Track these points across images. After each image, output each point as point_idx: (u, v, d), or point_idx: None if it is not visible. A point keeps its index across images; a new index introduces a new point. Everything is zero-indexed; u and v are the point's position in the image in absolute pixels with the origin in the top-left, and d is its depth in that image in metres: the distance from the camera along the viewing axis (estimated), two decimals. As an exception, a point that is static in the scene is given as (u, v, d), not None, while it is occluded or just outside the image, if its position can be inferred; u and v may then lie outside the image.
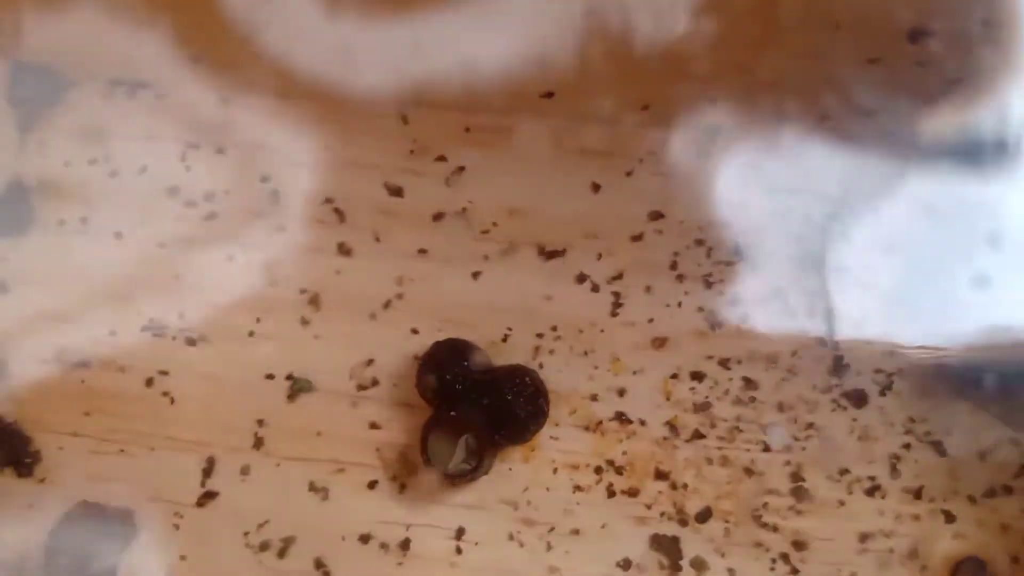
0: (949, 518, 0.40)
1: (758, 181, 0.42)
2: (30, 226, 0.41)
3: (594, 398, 0.41)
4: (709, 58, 0.38)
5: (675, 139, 0.42)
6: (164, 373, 0.40)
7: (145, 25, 0.39)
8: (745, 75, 0.40)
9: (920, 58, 0.37)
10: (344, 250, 0.42)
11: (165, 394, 0.40)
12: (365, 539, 0.39)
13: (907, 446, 0.40)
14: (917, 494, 0.40)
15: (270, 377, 0.40)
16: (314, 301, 0.41)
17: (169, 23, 0.38)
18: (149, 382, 0.40)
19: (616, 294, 0.42)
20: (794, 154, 0.42)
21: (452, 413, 0.38)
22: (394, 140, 0.42)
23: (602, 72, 0.40)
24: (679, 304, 0.42)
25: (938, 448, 0.40)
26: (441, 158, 0.42)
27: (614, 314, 0.41)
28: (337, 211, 0.42)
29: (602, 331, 0.41)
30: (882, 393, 0.41)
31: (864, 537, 0.40)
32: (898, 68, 0.37)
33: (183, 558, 0.39)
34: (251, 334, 0.41)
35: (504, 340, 0.41)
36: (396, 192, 0.42)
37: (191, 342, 0.40)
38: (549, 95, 0.41)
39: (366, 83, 0.41)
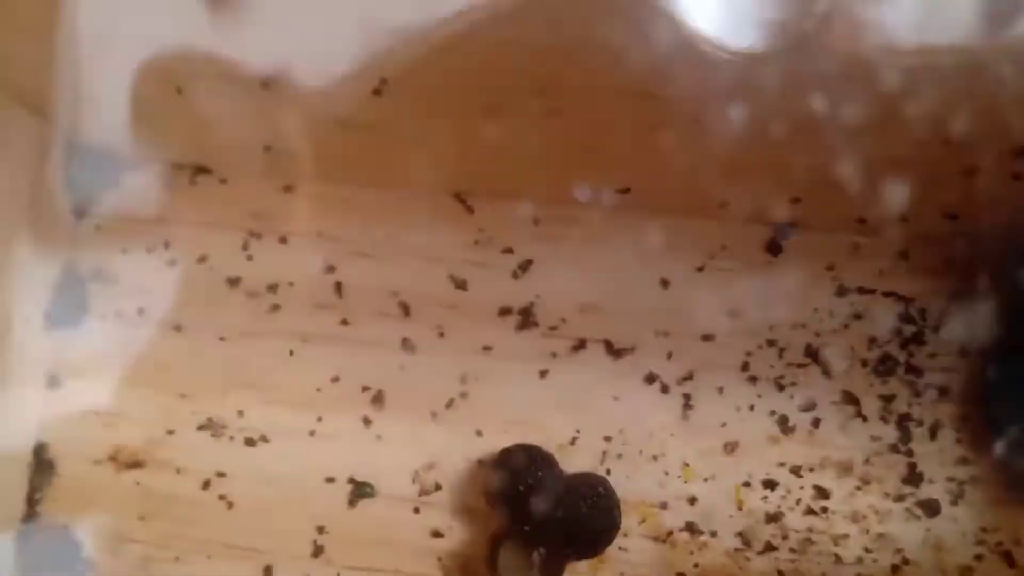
0: (1022, 632, 0.39)
1: (831, 281, 0.41)
2: (84, 316, 0.40)
3: (664, 507, 0.39)
4: (781, 157, 0.37)
5: (747, 236, 0.41)
6: (222, 475, 0.39)
7: (207, 108, 0.37)
8: (815, 175, 0.39)
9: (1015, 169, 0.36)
10: (408, 346, 0.40)
11: (222, 497, 0.39)
12: (427, 652, 0.38)
13: (979, 557, 0.39)
14: (990, 607, 0.39)
15: (331, 480, 0.39)
16: (377, 399, 0.40)
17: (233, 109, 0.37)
18: (206, 484, 0.39)
19: (686, 396, 0.40)
20: (866, 255, 0.42)
21: (526, 527, 0.36)
22: (459, 230, 0.41)
23: (679, 169, 0.38)
24: (751, 407, 0.40)
25: (1009, 559, 0.39)
26: (508, 250, 0.41)
27: (684, 417, 0.40)
28: (402, 304, 0.41)
29: (672, 435, 0.40)
30: (954, 502, 0.40)
31: (937, 650, 0.39)
32: (995, 181, 0.36)
33: (237, 670, 0.37)
34: (312, 434, 0.39)
35: (572, 443, 0.40)
36: (461, 285, 0.41)
37: (250, 442, 0.39)
38: (626, 191, 0.40)
39: (430, 172, 0.40)
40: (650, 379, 0.41)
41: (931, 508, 0.40)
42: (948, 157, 0.35)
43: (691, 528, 0.39)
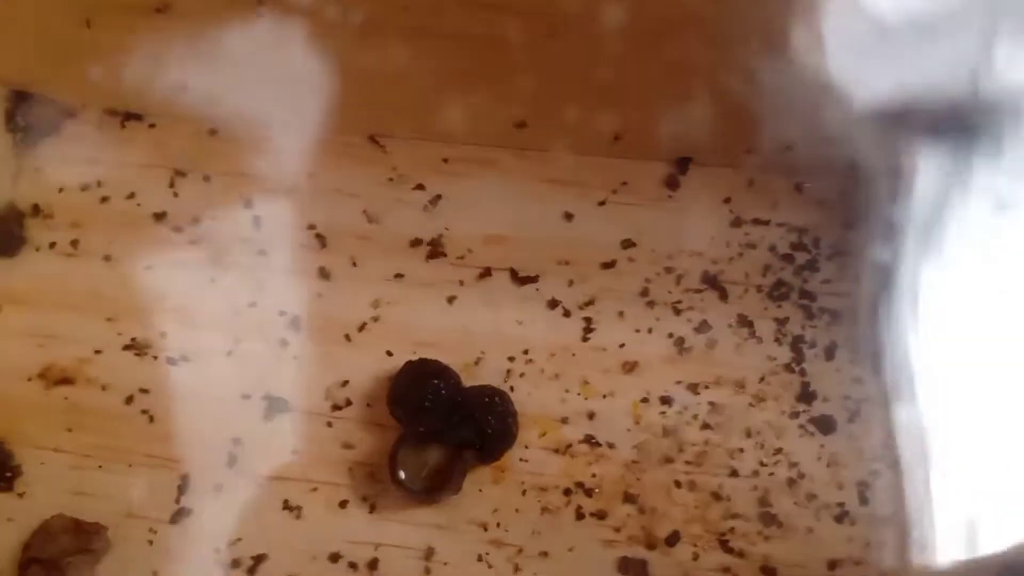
0: (919, 546, 0.40)
1: (728, 213, 0.44)
2: (22, 248, 0.43)
3: (564, 421, 0.41)
4: (673, 87, 0.39)
5: (647, 172, 0.44)
6: (145, 391, 0.41)
7: (138, 56, 0.41)
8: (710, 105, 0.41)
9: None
10: (323, 274, 0.43)
11: (145, 412, 0.41)
12: (335, 558, 0.40)
13: (875, 473, 0.41)
14: (887, 521, 0.40)
15: (246, 397, 0.41)
16: (293, 323, 0.42)
17: (159, 55, 0.40)
18: (130, 400, 0.41)
19: (587, 319, 0.43)
20: (760, 188, 0.44)
21: (421, 428, 0.38)
22: (374, 169, 0.44)
23: (573, 102, 0.41)
24: (649, 330, 0.43)
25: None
26: (419, 187, 0.44)
27: (585, 339, 0.42)
28: (319, 236, 0.43)
29: (573, 355, 0.42)
30: (850, 420, 0.41)
31: (833, 564, 0.40)
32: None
33: (155, 574, 0.39)
34: (230, 354, 0.42)
35: (476, 363, 0.42)
36: (374, 219, 0.44)
37: (172, 361, 0.42)
38: (522, 124, 0.43)
39: (346, 114, 0.43)
40: (552, 304, 0.43)
41: (826, 425, 0.42)
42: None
43: (590, 440, 0.41)
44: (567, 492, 0.41)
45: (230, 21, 0.36)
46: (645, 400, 0.42)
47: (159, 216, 0.44)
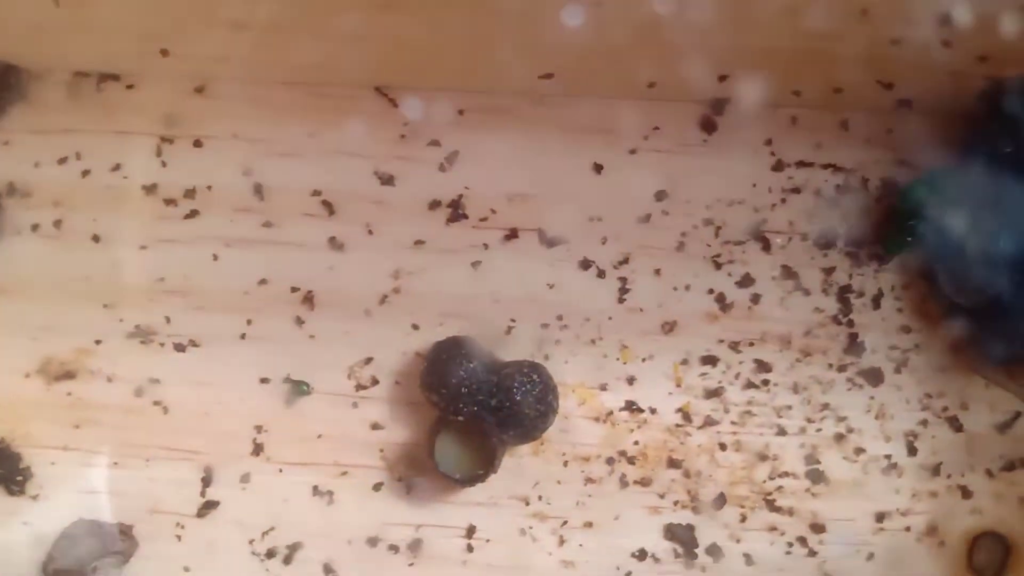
0: (966, 494, 0.39)
1: (769, 156, 0.40)
2: (1, 232, 0.39)
3: (603, 388, 0.39)
4: (714, 33, 0.35)
5: (680, 114, 0.40)
6: (155, 381, 0.38)
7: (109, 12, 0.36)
8: (750, 52, 0.37)
9: (943, 36, 0.34)
10: (336, 244, 0.40)
11: (157, 403, 0.38)
12: (373, 542, 0.38)
13: (924, 423, 0.40)
14: (934, 471, 0.39)
15: (265, 381, 0.39)
16: (307, 299, 0.39)
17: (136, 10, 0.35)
18: (139, 391, 0.39)
19: (623, 279, 0.40)
20: (804, 127, 0.40)
21: (460, 418, 0.36)
22: (383, 125, 0.40)
23: (599, 50, 0.37)
24: (688, 287, 0.40)
25: (955, 424, 0.40)
26: (434, 143, 0.40)
27: (621, 300, 0.40)
28: (326, 203, 0.40)
29: (609, 318, 0.40)
30: (897, 370, 0.40)
31: (881, 516, 0.39)
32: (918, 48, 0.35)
33: (187, 569, 0.38)
34: (243, 336, 0.39)
35: (508, 332, 0.39)
36: (388, 181, 0.40)
37: (180, 348, 0.39)
38: (548, 76, 0.39)
39: (351, 65, 0.39)
40: (585, 265, 0.40)
41: (874, 376, 0.40)
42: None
43: (631, 407, 0.39)
44: (610, 461, 0.39)
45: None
46: (686, 362, 0.40)
47: (148, 189, 0.39)
